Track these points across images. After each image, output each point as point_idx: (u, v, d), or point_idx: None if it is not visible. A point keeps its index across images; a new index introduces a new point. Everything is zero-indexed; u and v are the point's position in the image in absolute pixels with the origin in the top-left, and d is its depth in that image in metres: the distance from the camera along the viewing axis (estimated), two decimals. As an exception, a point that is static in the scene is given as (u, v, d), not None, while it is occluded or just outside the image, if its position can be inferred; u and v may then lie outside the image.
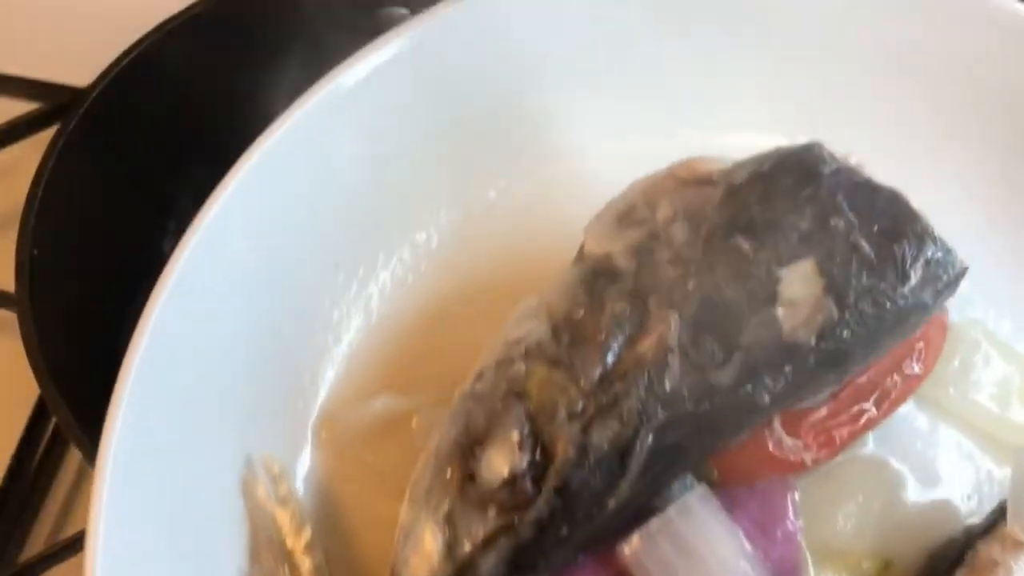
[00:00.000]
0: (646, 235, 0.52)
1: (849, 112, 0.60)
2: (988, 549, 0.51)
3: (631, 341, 0.50)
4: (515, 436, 0.50)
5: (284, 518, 0.53)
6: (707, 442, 0.51)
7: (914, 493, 0.57)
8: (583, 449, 0.49)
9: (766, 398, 0.50)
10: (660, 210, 0.53)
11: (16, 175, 0.76)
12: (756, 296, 0.50)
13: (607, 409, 0.49)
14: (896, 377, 0.56)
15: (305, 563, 0.53)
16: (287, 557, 0.53)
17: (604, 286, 0.52)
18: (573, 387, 0.50)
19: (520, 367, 0.51)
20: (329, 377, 0.55)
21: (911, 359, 0.57)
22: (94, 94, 0.75)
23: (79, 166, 0.73)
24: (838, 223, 0.50)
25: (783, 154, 0.52)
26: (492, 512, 0.49)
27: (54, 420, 0.70)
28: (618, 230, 0.54)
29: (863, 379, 0.56)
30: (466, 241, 0.58)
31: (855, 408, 0.56)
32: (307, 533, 0.53)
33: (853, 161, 0.52)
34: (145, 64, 0.75)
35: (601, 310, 0.51)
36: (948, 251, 0.51)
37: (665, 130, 0.63)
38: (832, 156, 0.52)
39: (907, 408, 0.58)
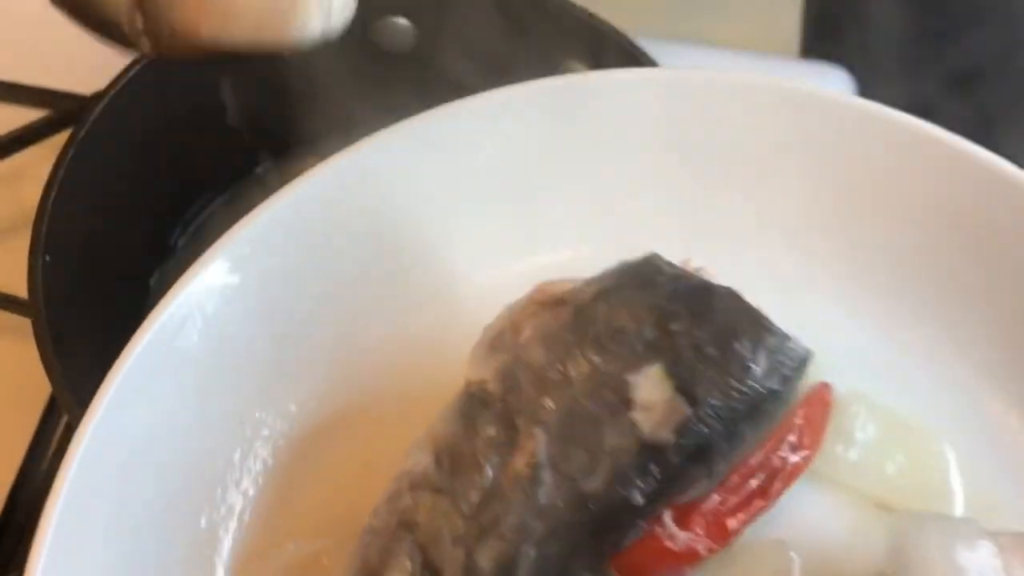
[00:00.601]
0: (510, 359, 0.56)
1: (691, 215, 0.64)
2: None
3: (505, 461, 0.53)
4: (407, 566, 0.53)
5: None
6: (593, 548, 0.54)
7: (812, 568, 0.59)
8: (469, 570, 0.52)
9: (639, 498, 0.53)
10: (522, 334, 0.56)
11: (26, 181, 0.78)
12: (612, 404, 0.53)
13: (488, 529, 0.52)
14: (782, 458, 0.60)
15: None
16: None
17: (478, 411, 0.55)
18: (456, 512, 0.53)
19: (407, 499, 0.54)
20: (233, 530, 0.58)
21: (794, 438, 0.60)
22: (105, 101, 0.76)
23: (90, 172, 0.74)
24: (679, 327, 0.53)
25: (623, 268, 0.55)
26: (392, 645, 0.52)
27: (64, 421, 0.73)
28: (489, 356, 0.57)
29: (752, 462, 0.59)
30: (359, 382, 0.62)
31: (745, 493, 0.59)
32: None
33: (692, 266, 0.56)
34: (156, 72, 0.77)
35: (476, 435, 0.54)
36: (787, 339, 0.54)
37: (544, 249, 0.67)
38: (670, 264, 0.55)
39: (800, 487, 0.61)
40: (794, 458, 0.60)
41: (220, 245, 0.61)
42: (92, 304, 0.73)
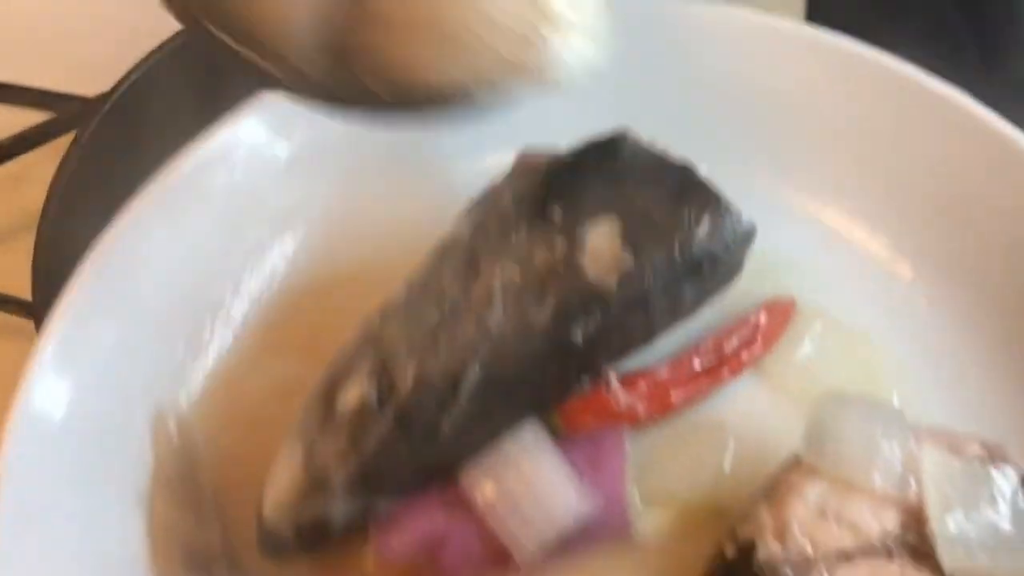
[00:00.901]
0: (484, 213, 0.62)
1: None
2: (787, 476, 0.57)
3: (465, 290, 0.60)
4: (365, 372, 0.59)
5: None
6: (537, 384, 0.60)
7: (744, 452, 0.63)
8: (418, 379, 0.58)
9: (579, 338, 0.59)
10: (502, 196, 0.63)
11: (29, 184, 0.77)
12: (565, 251, 0.59)
13: (441, 346, 0.58)
14: (735, 348, 0.65)
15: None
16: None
17: (448, 249, 0.62)
18: (415, 329, 0.59)
19: (376, 321, 0.61)
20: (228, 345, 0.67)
21: (749, 334, 0.66)
22: (110, 103, 0.76)
23: (94, 175, 0.74)
24: (633, 189, 0.60)
25: (593, 140, 0.62)
26: (343, 435, 0.58)
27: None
28: (468, 214, 0.64)
29: (704, 346, 0.65)
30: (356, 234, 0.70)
31: (691, 371, 0.65)
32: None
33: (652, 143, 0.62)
34: (162, 72, 0.77)
35: (442, 267, 0.61)
36: (733, 212, 0.60)
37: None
38: (636, 140, 0.62)
39: (747, 381, 0.66)
40: (745, 353, 0.65)
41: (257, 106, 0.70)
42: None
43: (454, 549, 0.57)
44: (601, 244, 0.59)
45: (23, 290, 0.70)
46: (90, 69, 0.79)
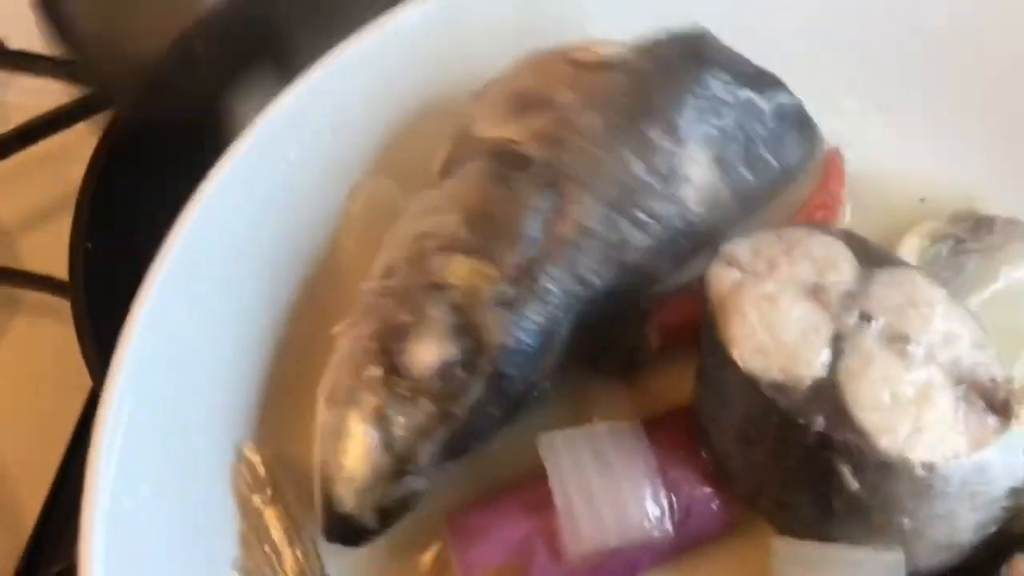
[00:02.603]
0: (553, 121, 0.53)
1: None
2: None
3: (548, 225, 0.51)
4: (442, 327, 0.50)
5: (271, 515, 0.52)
6: (620, 315, 0.54)
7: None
8: (513, 334, 0.50)
9: (668, 270, 0.54)
10: (562, 95, 0.54)
11: (69, 161, 0.74)
12: (660, 175, 0.52)
13: (533, 293, 0.50)
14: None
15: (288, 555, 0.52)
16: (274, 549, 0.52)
17: (515, 174, 0.52)
18: (497, 274, 0.51)
19: (437, 260, 0.51)
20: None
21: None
22: (152, 77, 0.71)
23: (134, 154, 0.70)
24: (726, 105, 0.53)
25: (673, 38, 0.54)
26: (425, 402, 0.49)
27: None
28: (515, 115, 0.55)
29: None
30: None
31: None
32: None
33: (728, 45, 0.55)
34: (206, 45, 0.71)
35: (516, 197, 0.52)
36: (817, 131, 0.56)
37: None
38: (716, 42, 0.55)
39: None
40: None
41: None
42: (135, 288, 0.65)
43: (543, 557, 0.50)
44: (701, 166, 0.53)
45: (60, 270, 0.68)
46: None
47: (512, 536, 0.50)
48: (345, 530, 0.50)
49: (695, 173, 0.53)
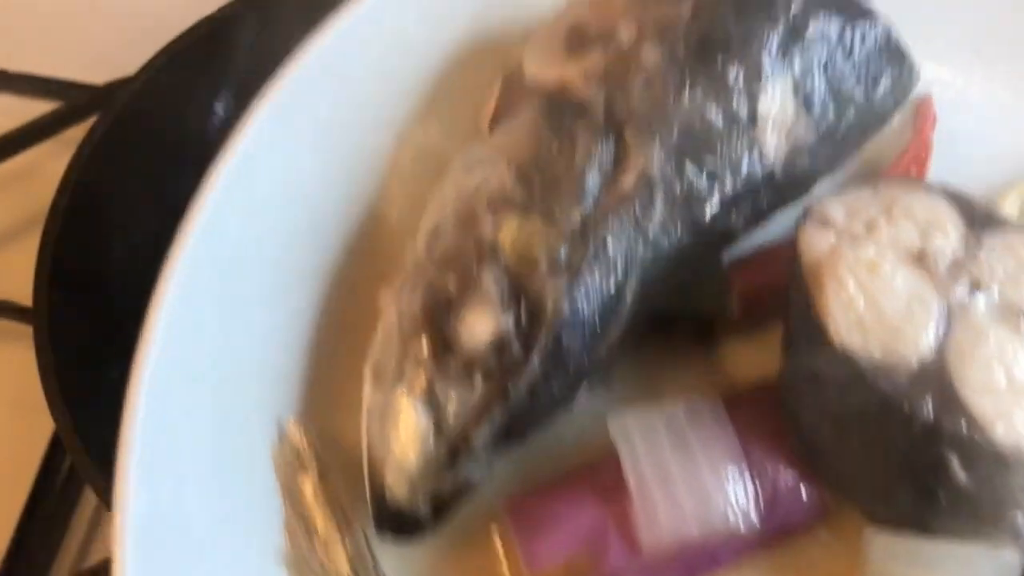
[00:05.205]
0: (611, 59, 0.47)
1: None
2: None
3: (610, 178, 0.46)
4: (495, 296, 0.45)
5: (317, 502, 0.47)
6: (694, 279, 0.48)
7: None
8: (574, 302, 0.44)
9: (741, 224, 0.48)
10: (621, 30, 0.47)
11: (35, 181, 0.72)
12: (736, 118, 0.46)
13: (593, 255, 0.45)
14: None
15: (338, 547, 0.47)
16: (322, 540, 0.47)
17: (571, 120, 0.46)
18: (553, 235, 0.45)
19: (487, 220, 0.46)
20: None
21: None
22: (128, 92, 0.66)
23: (108, 173, 0.65)
24: (812, 37, 0.47)
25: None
26: (479, 380, 0.45)
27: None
28: (570, 53, 0.48)
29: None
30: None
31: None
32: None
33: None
34: (185, 61, 0.67)
35: (572, 147, 0.46)
36: (911, 62, 0.49)
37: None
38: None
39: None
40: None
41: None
42: (103, 318, 0.62)
43: (617, 547, 0.45)
44: (776, 110, 0.46)
45: (23, 295, 0.63)
46: (98, 55, 0.74)
47: (583, 524, 0.45)
48: (397, 522, 0.45)
49: (776, 115, 0.46)
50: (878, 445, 0.43)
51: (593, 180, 0.46)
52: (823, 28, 0.47)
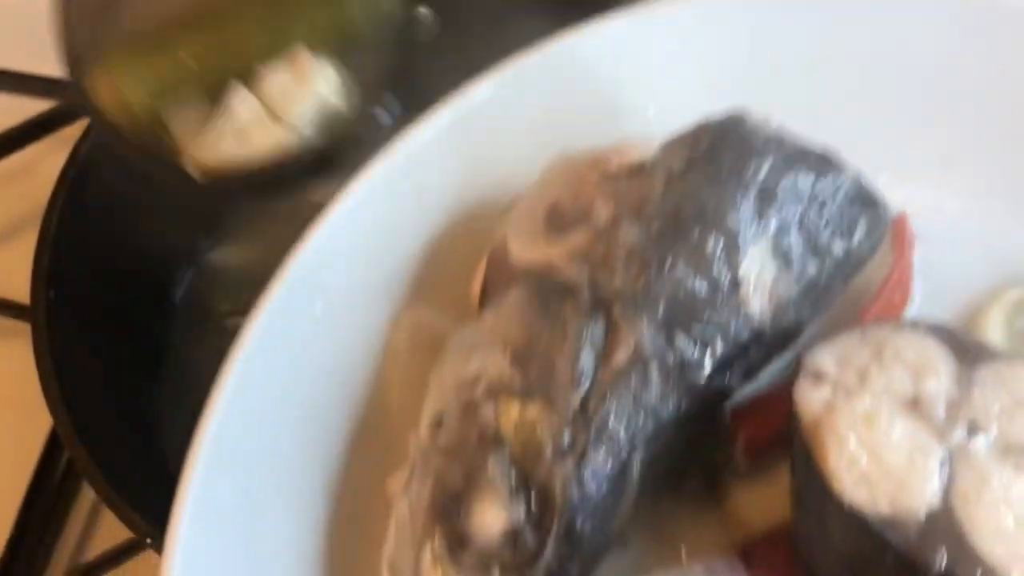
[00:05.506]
0: (591, 238, 0.48)
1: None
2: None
3: (604, 357, 0.47)
4: (503, 486, 0.45)
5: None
6: (691, 439, 0.49)
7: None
8: (582, 485, 0.45)
9: (736, 383, 0.49)
10: (599, 209, 0.49)
11: (33, 179, 0.73)
12: (719, 285, 0.47)
13: (596, 435, 0.45)
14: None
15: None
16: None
17: (559, 302, 0.48)
18: (554, 419, 0.46)
19: (488, 407, 0.47)
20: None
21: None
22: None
23: (105, 171, 0.66)
24: (784, 197, 0.48)
25: (707, 129, 0.49)
26: (497, 574, 0.45)
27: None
28: (551, 234, 0.50)
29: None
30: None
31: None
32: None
33: (774, 125, 0.50)
34: None
35: (563, 329, 0.47)
36: (884, 205, 0.51)
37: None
38: (757, 124, 0.49)
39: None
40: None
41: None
42: (102, 315, 0.64)
43: None
44: (758, 272, 0.48)
45: (21, 293, 0.65)
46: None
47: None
48: None
49: (757, 277, 0.48)
50: (898, 598, 0.43)
51: (587, 360, 0.47)
52: (794, 186, 0.49)
